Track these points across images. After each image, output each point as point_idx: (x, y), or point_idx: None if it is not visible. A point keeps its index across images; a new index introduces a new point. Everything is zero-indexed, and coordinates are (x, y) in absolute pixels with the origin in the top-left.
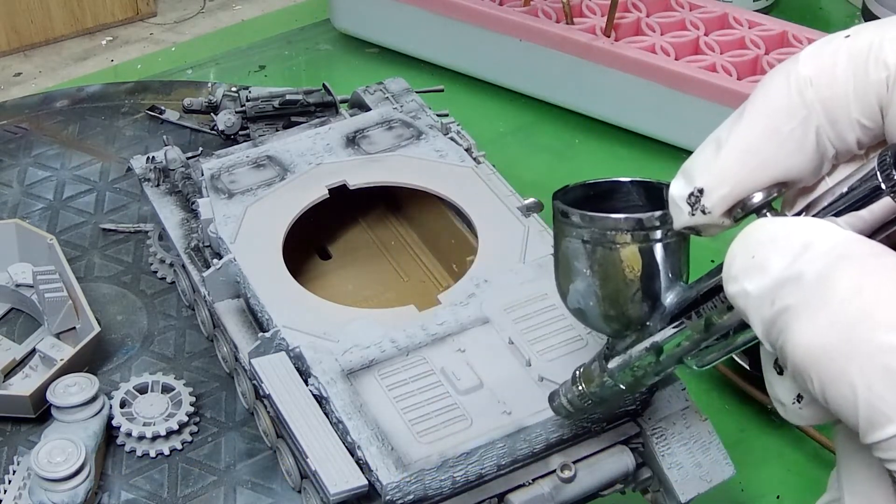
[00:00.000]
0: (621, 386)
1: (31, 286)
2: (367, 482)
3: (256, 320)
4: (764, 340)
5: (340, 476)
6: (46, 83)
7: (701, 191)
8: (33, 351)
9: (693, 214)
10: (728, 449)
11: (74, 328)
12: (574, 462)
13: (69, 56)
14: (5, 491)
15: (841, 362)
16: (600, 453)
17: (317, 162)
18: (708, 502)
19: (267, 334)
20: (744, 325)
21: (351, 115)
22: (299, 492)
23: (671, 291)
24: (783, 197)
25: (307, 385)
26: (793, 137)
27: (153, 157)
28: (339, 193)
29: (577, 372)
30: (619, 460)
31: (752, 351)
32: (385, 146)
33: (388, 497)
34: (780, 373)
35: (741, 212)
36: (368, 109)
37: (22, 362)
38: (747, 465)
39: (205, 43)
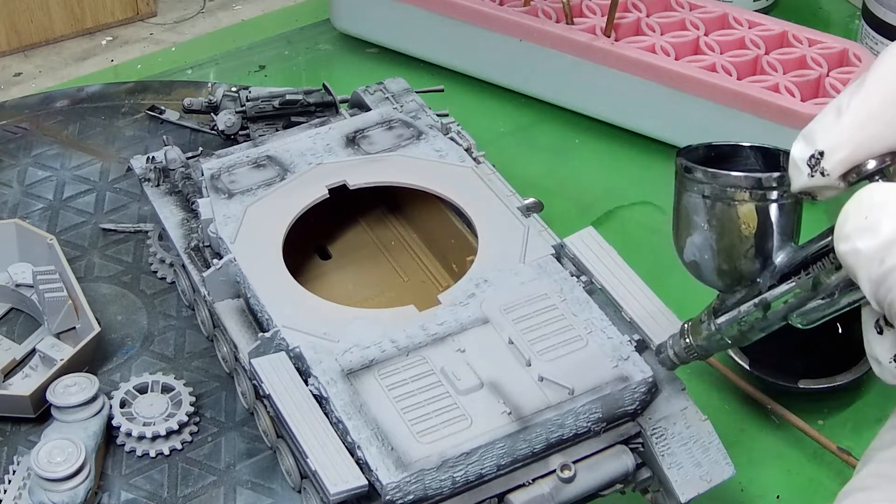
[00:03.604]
0: (727, 339)
1: (31, 286)
2: (367, 482)
3: (256, 320)
4: (871, 298)
5: (340, 476)
6: (46, 83)
7: (822, 153)
8: (33, 351)
9: (812, 176)
10: (728, 449)
11: (74, 328)
12: (574, 462)
13: (69, 56)
14: (5, 491)
15: None
16: (600, 453)
17: (317, 162)
18: (708, 502)
19: (267, 334)
20: (849, 286)
21: (351, 115)
22: (299, 492)
23: (782, 251)
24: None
25: (307, 385)
26: None
27: (153, 157)
28: (339, 193)
29: (686, 326)
30: (619, 460)
31: (752, 350)
32: (385, 146)
33: (388, 497)
34: (881, 332)
35: (855, 177)
36: (368, 109)
37: (22, 362)
38: (747, 465)
39: (205, 43)
